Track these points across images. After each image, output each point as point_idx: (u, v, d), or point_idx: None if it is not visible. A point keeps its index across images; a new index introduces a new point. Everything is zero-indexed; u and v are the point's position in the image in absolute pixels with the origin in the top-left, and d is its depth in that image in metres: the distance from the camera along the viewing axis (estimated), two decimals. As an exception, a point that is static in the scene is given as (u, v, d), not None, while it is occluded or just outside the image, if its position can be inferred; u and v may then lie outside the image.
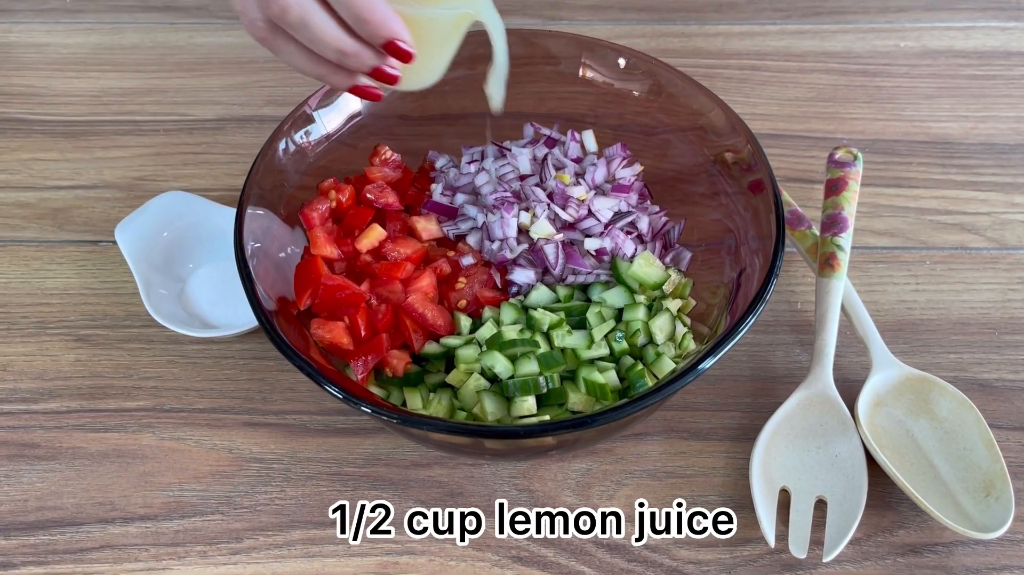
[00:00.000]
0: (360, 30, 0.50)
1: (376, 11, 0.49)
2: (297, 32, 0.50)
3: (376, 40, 0.51)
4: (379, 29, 0.50)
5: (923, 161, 0.83)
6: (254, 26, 0.51)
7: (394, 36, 0.51)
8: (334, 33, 0.50)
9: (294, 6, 0.49)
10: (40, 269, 0.75)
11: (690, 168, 0.71)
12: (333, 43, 0.50)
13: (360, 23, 0.50)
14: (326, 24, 0.50)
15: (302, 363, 0.52)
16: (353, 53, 0.51)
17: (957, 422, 0.62)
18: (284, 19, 0.49)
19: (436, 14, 0.54)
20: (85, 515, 0.61)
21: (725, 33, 0.97)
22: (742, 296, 0.60)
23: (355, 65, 0.52)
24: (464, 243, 0.68)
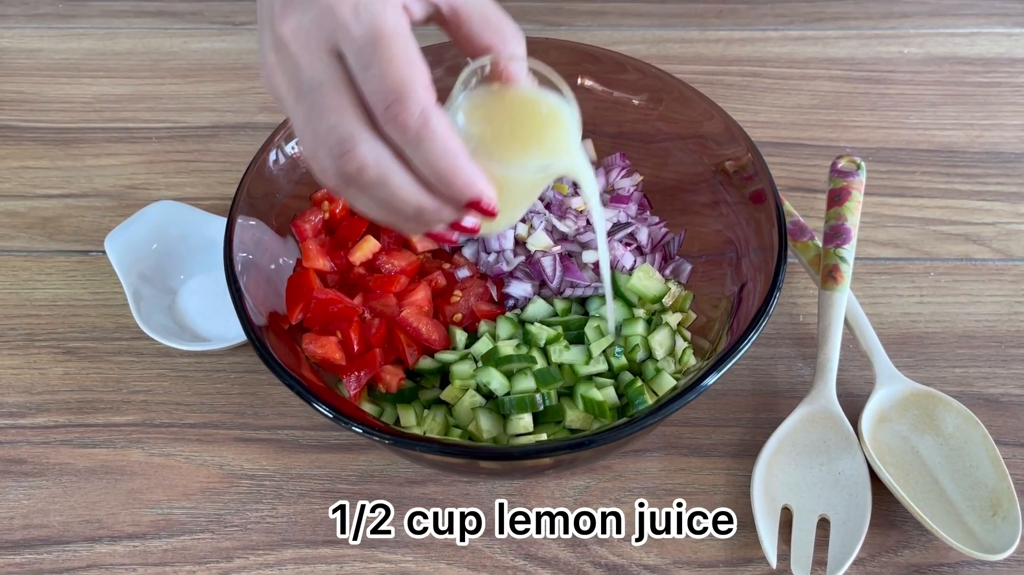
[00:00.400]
0: (442, 189, 0.45)
1: (461, 172, 0.44)
2: (373, 191, 0.45)
3: (459, 201, 0.46)
4: (464, 191, 0.45)
5: (927, 170, 0.82)
6: (325, 175, 0.45)
7: (479, 197, 0.46)
8: (414, 192, 0.45)
9: (372, 167, 0.43)
10: (29, 280, 0.74)
11: (691, 177, 0.70)
12: (412, 202, 0.45)
13: (444, 183, 0.45)
14: (405, 184, 0.45)
15: (292, 381, 0.51)
16: (433, 211, 0.46)
17: (963, 438, 0.61)
18: (360, 178, 0.44)
19: (524, 173, 0.49)
20: (72, 533, 0.60)
21: (726, 39, 0.96)
22: (744, 310, 0.59)
23: (434, 220, 0.48)
24: (460, 255, 0.67)
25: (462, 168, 0.44)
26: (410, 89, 0.42)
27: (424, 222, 0.48)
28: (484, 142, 0.47)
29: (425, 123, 0.42)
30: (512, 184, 0.48)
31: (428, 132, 0.42)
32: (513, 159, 0.48)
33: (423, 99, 0.42)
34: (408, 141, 0.43)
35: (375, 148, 0.43)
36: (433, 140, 0.43)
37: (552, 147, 0.50)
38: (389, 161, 0.44)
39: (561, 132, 0.50)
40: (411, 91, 0.42)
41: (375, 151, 0.43)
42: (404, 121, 0.42)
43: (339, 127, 0.43)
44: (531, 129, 0.50)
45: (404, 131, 0.42)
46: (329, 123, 0.43)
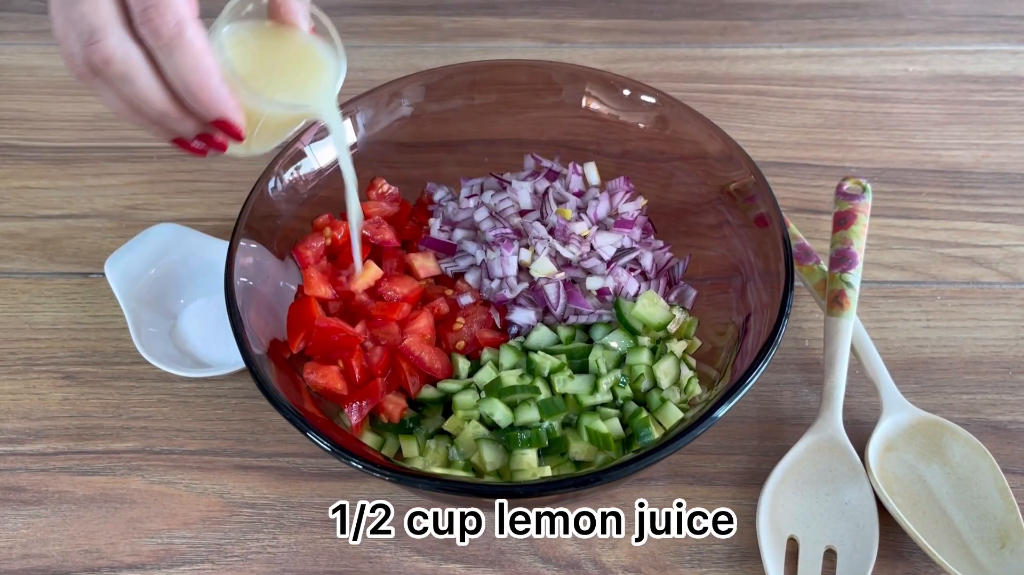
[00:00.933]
0: (189, 103, 0.47)
1: (209, 90, 0.46)
2: (118, 86, 0.46)
3: (205, 117, 0.48)
4: (210, 108, 0.47)
5: (933, 191, 0.81)
6: (72, 61, 0.46)
7: (224, 117, 0.48)
8: (158, 96, 0.47)
9: (118, 62, 0.45)
10: (28, 302, 0.73)
11: (695, 199, 0.69)
12: (156, 105, 0.47)
13: (190, 96, 0.47)
14: (150, 86, 0.46)
15: (291, 415, 0.51)
16: (177, 118, 0.48)
17: (971, 468, 0.61)
18: (105, 71, 0.45)
19: (275, 108, 0.52)
20: (71, 563, 0.59)
21: (730, 56, 0.95)
22: (751, 338, 0.58)
23: (178, 129, 0.49)
24: (463, 281, 0.66)
25: (211, 87, 0.46)
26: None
27: (167, 128, 0.50)
28: (242, 71, 0.49)
29: (180, 33, 0.44)
30: (263, 116, 0.51)
31: (181, 43, 0.44)
32: (266, 93, 0.50)
33: (181, 10, 0.44)
34: (160, 47, 0.45)
35: (124, 43, 0.45)
36: (184, 52, 0.45)
37: (307, 92, 0.53)
38: (138, 60, 0.45)
39: (319, 79, 0.53)
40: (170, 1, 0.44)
41: (124, 46, 0.45)
42: (158, 27, 0.44)
43: (90, 16, 0.44)
44: (292, 71, 0.53)
45: (157, 36, 0.44)
46: (82, 10, 0.44)
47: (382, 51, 0.96)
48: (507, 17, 1.00)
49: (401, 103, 0.71)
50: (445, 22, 1.00)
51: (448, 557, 0.59)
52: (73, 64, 0.46)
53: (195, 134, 0.50)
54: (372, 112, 0.70)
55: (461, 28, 0.99)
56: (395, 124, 0.72)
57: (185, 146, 0.52)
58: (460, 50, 0.96)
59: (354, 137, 0.70)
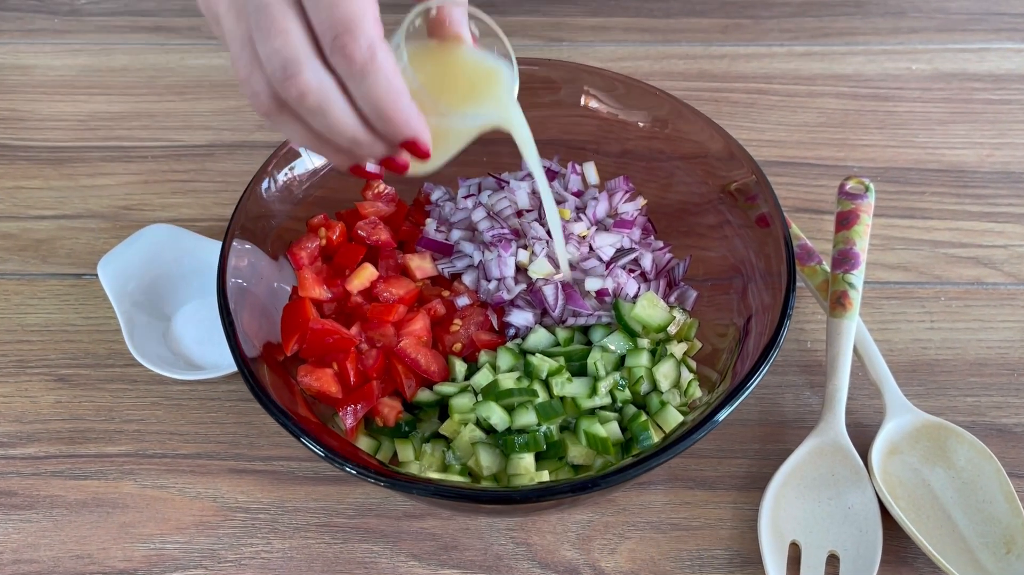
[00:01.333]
0: (380, 126, 0.46)
1: (402, 110, 0.45)
2: (311, 118, 0.45)
3: (395, 139, 0.47)
4: (402, 129, 0.46)
5: (936, 190, 0.80)
6: (257, 99, 0.45)
7: (416, 137, 0.47)
8: (351, 124, 0.46)
9: (314, 93, 0.44)
10: (21, 304, 0.73)
11: (695, 199, 0.68)
12: (349, 133, 0.46)
13: (383, 119, 0.45)
14: (344, 115, 0.45)
15: (284, 419, 0.50)
16: (367, 144, 0.47)
17: (975, 472, 0.60)
18: (301, 104, 0.44)
19: (462, 124, 0.52)
20: (62, 569, 0.58)
21: (731, 55, 0.94)
22: (752, 340, 0.57)
23: (366, 154, 0.48)
24: (459, 282, 0.65)
25: (403, 107, 0.45)
26: (360, 21, 0.42)
27: (355, 155, 0.49)
28: (424, 87, 0.48)
29: (372, 57, 0.43)
30: (446, 131, 0.50)
31: (374, 67, 0.43)
32: (451, 108, 0.50)
33: (371, 33, 0.43)
34: (353, 73, 0.43)
35: (319, 74, 0.43)
36: (378, 75, 0.43)
37: (488, 102, 0.53)
38: (332, 89, 0.44)
39: (497, 87, 0.53)
40: (361, 23, 0.42)
41: (319, 77, 0.44)
42: (352, 53, 0.43)
43: (284, 50, 0.43)
44: (470, 82, 0.52)
45: (351, 63, 0.43)
46: (274, 45, 0.43)
47: (380, 50, 0.95)
48: (506, 15, 0.99)
49: (398, 102, 0.70)
50: (443, 20, 0.99)
51: (444, 562, 0.58)
52: (259, 102, 0.45)
53: (382, 157, 0.49)
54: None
55: (459, 26, 0.98)
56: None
57: (362, 172, 0.51)
58: (458, 49, 0.95)
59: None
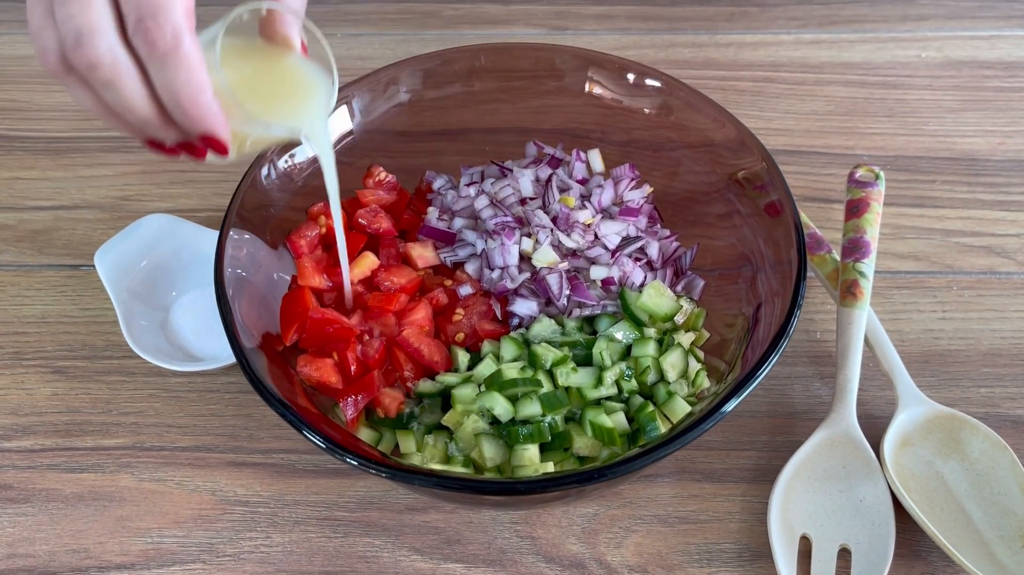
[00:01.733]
0: (176, 115, 0.45)
1: (200, 106, 0.44)
2: (100, 90, 0.44)
3: (191, 131, 0.46)
4: (197, 124, 0.45)
5: (948, 179, 0.79)
6: (45, 56, 0.43)
7: (212, 134, 0.46)
8: (143, 105, 0.44)
9: (106, 66, 0.42)
10: (17, 295, 0.72)
11: (702, 187, 0.67)
12: (139, 114, 0.44)
13: (179, 111, 0.44)
14: (136, 95, 0.44)
15: (283, 410, 0.49)
16: (158, 127, 0.46)
17: (990, 464, 0.58)
18: (88, 74, 0.42)
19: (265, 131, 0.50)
20: (58, 563, 0.57)
21: (738, 43, 0.93)
22: (761, 329, 0.56)
23: (158, 136, 0.47)
24: (462, 271, 0.64)
25: (202, 103, 0.44)
26: (168, 9, 0.42)
27: (145, 135, 0.47)
28: (234, 87, 0.47)
29: (176, 47, 0.42)
30: (249, 132, 0.49)
31: (176, 56, 0.42)
32: (257, 113, 0.48)
33: (178, 21, 0.42)
34: (153, 59, 0.43)
35: (114, 49, 0.42)
36: (179, 66, 0.43)
37: (298, 114, 0.52)
38: (127, 67, 0.43)
39: (310, 102, 0.52)
40: (168, 9, 0.42)
41: (113, 52, 0.42)
42: (154, 38, 0.42)
43: (80, 17, 0.41)
44: (284, 91, 0.52)
45: (151, 48, 0.42)
46: (70, 10, 0.41)
47: (380, 39, 0.94)
48: (509, 4, 0.98)
49: (399, 89, 0.69)
50: (446, 9, 0.98)
51: (448, 556, 0.57)
52: (47, 60, 0.44)
53: (175, 143, 0.48)
54: (368, 98, 0.68)
55: (462, 15, 0.97)
56: (392, 111, 0.70)
57: (159, 148, 0.50)
58: (461, 38, 0.94)
59: (350, 124, 0.68)
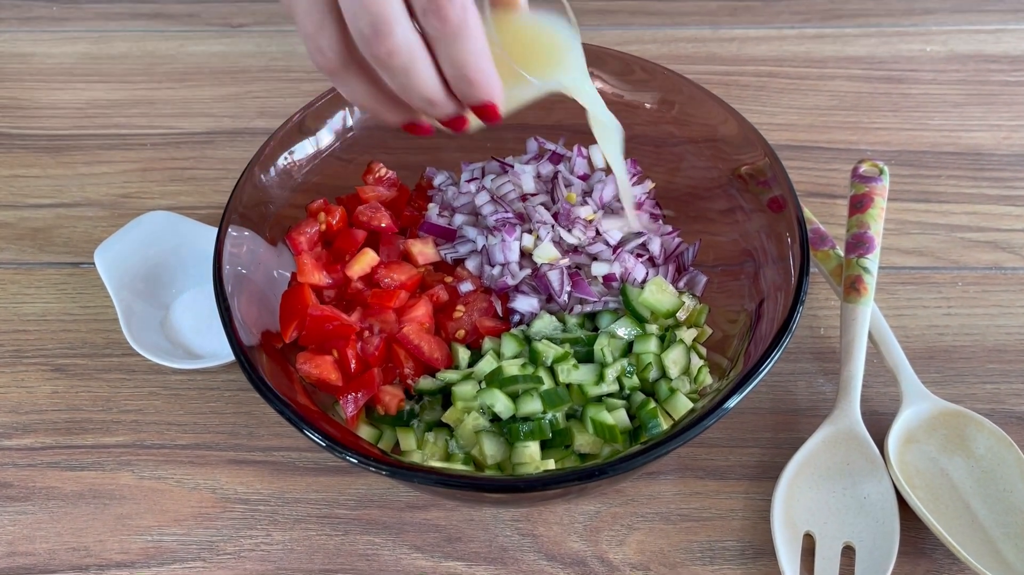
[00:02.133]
0: (461, 88, 0.45)
1: (485, 74, 0.44)
2: (392, 77, 0.44)
3: (473, 102, 0.46)
4: (482, 92, 0.45)
5: (953, 174, 0.78)
6: (323, 55, 0.44)
7: (493, 101, 0.46)
8: (433, 84, 0.44)
9: (403, 51, 0.42)
10: (17, 293, 0.71)
11: (705, 183, 0.67)
12: (428, 94, 0.45)
13: (466, 82, 0.44)
14: (428, 75, 0.44)
15: (283, 407, 0.48)
16: (441, 104, 0.46)
17: (996, 461, 0.58)
18: (387, 62, 0.43)
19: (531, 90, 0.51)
20: (58, 562, 0.57)
21: (741, 38, 0.92)
22: (764, 325, 0.55)
23: (435, 114, 0.47)
24: (463, 268, 0.64)
25: (487, 71, 0.44)
26: None
27: (421, 114, 0.48)
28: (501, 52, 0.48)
29: (464, 20, 0.42)
30: (515, 94, 0.50)
31: (466, 30, 0.42)
32: (527, 73, 0.49)
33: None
34: (446, 35, 0.43)
35: (409, 34, 0.42)
36: (468, 38, 0.43)
37: (561, 68, 0.53)
38: (420, 49, 0.43)
39: (569, 55, 0.53)
40: None
41: (408, 37, 0.42)
42: (447, 14, 0.42)
43: (375, 6, 0.41)
44: (543, 48, 0.52)
45: (444, 23, 0.42)
46: (365, 2, 0.41)
47: (382, 35, 0.94)
48: None
49: (399, 84, 0.69)
50: (447, 5, 0.97)
51: (448, 554, 0.57)
52: (325, 59, 0.44)
53: (449, 118, 0.48)
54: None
55: (463, 11, 0.96)
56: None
57: (417, 128, 0.50)
58: (462, 34, 0.93)
59: (350, 121, 0.67)
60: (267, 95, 0.87)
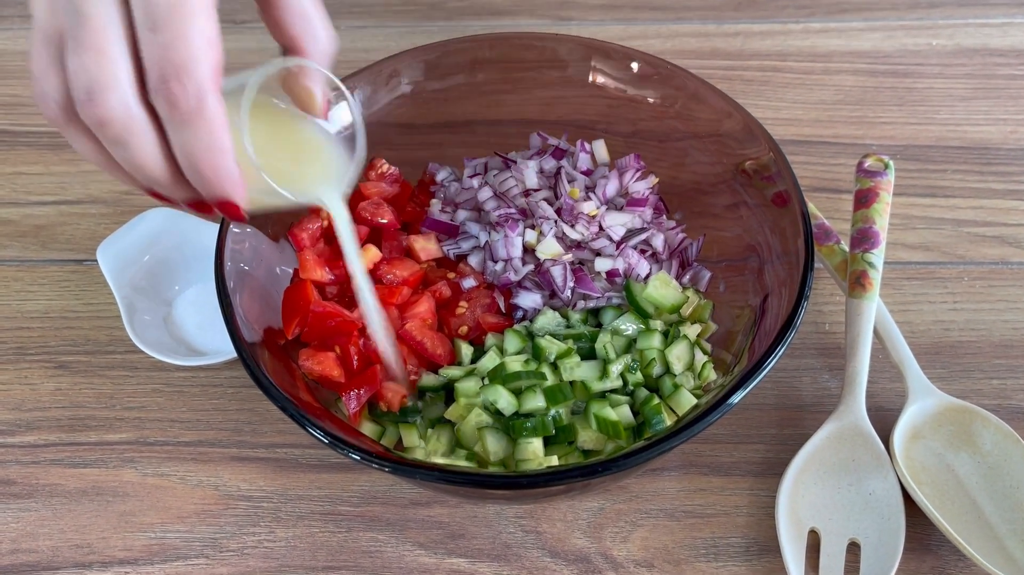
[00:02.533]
0: (192, 178, 0.42)
1: (219, 170, 0.41)
2: (109, 146, 0.41)
3: (206, 194, 0.43)
4: (216, 189, 0.42)
5: (959, 168, 0.78)
6: (46, 104, 0.41)
7: (230, 199, 0.43)
8: (155, 165, 0.41)
9: (117, 124, 0.39)
10: (21, 290, 0.71)
11: (709, 178, 0.66)
12: (149, 174, 0.42)
13: (196, 175, 0.41)
14: (149, 155, 0.41)
15: (286, 404, 0.48)
16: (168, 188, 0.43)
17: (1002, 456, 0.58)
18: (100, 130, 0.40)
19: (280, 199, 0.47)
20: (61, 559, 0.57)
21: (745, 32, 0.92)
22: (768, 321, 0.55)
23: (166, 194, 0.44)
24: (465, 264, 0.63)
25: (223, 167, 0.41)
26: (194, 69, 0.39)
27: (150, 191, 0.45)
28: (256, 151, 0.44)
29: (200, 110, 0.39)
30: (266, 195, 0.47)
31: (199, 120, 0.39)
32: (278, 181, 0.46)
33: (204, 83, 0.39)
34: (174, 120, 0.40)
35: (128, 106, 0.39)
36: (199, 129, 0.40)
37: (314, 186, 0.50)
38: (142, 127, 0.40)
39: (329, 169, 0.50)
40: (194, 71, 0.39)
41: (127, 109, 0.39)
42: (176, 99, 0.39)
43: (95, 70, 0.38)
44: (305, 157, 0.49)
45: (173, 107, 0.39)
46: (84, 61, 0.39)
47: (384, 31, 0.94)
48: (513, -6, 0.97)
49: (401, 80, 0.69)
50: (450, 0, 0.97)
51: (452, 551, 0.57)
52: (47, 108, 0.41)
53: (186, 202, 0.45)
54: (370, 90, 0.67)
55: (466, 7, 0.96)
56: (395, 103, 0.69)
57: (162, 198, 0.47)
58: (465, 29, 0.93)
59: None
60: (270, 91, 0.87)
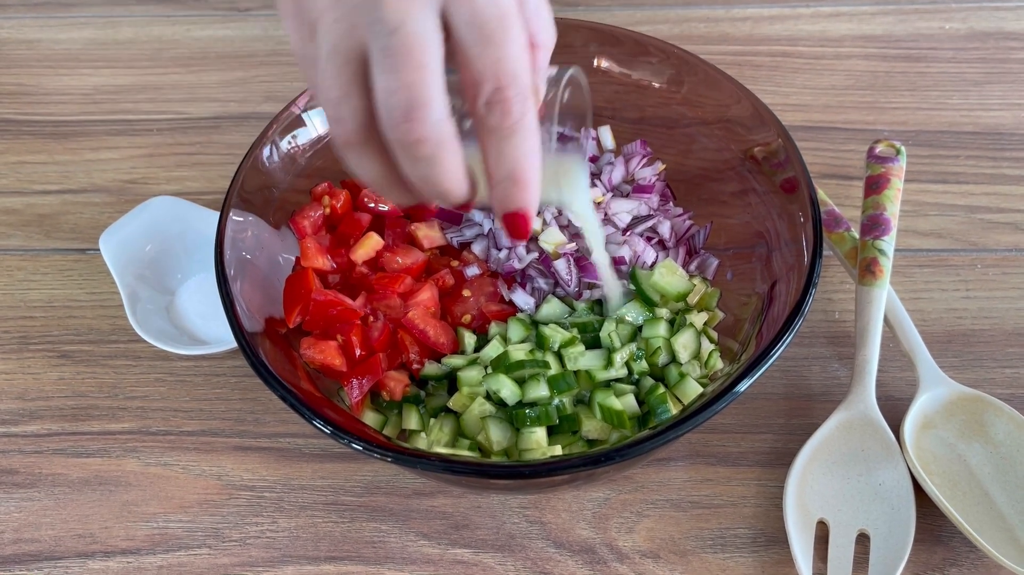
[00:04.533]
0: (502, 188, 0.40)
1: (533, 179, 0.39)
2: (414, 164, 0.39)
3: (507, 205, 0.41)
4: (524, 196, 0.40)
5: (972, 154, 0.76)
6: (343, 126, 0.39)
7: (527, 210, 0.41)
8: (458, 180, 0.39)
9: (432, 141, 0.37)
10: (24, 279, 0.71)
11: (717, 165, 0.65)
12: (447, 187, 0.39)
13: (510, 182, 0.39)
14: (453, 169, 0.39)
15: (286, 394, 0.48)
16: (459, 199, 0.41)
17: (1014, 446, 0.57)
18: (413, 150, 0.38)
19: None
20: (63, 548, 0.57)
21: (754, 17, 0.90)
22: (776, 309, 0.54)
23: (443, 204, 0.43)
24: (469, 252, 0.63)
25: (535, 175, 0.40)
26: (524, 78, 0.38)
27: (435, 203, 0.43)
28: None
29: (525, 115, 0.38)
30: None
31: (524, 126, 0.38)
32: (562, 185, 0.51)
33: (529, 90, 0.38)
34: (503, 129, 0.38)
35: (444, 123, 0.38)
36: (525, 136, 0.38)
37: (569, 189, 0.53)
38: (453, 141, 0.38)
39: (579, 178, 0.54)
40: (524, 79, 0.38)
41: (443, 126, 0.38)
42: (510, 107, 0.38)
43: (416, 88, 0.36)
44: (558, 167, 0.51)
45: (505, 117, 0.38)
46: (405, 79, 0.36)
47: (389, 18, 0.93)
48: (519, -19, 0.96)
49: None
50: (455, -13, 0.96)
51: (455, 542, 0.56)
52: (345, 130, 0.39)
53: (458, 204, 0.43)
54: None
55: (471, -7, 0.95)
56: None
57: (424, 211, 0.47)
58: (470, 16, 0.92)
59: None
60: (274, 80, 0.87)
